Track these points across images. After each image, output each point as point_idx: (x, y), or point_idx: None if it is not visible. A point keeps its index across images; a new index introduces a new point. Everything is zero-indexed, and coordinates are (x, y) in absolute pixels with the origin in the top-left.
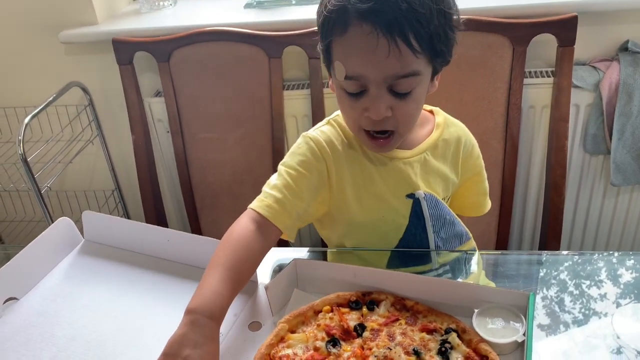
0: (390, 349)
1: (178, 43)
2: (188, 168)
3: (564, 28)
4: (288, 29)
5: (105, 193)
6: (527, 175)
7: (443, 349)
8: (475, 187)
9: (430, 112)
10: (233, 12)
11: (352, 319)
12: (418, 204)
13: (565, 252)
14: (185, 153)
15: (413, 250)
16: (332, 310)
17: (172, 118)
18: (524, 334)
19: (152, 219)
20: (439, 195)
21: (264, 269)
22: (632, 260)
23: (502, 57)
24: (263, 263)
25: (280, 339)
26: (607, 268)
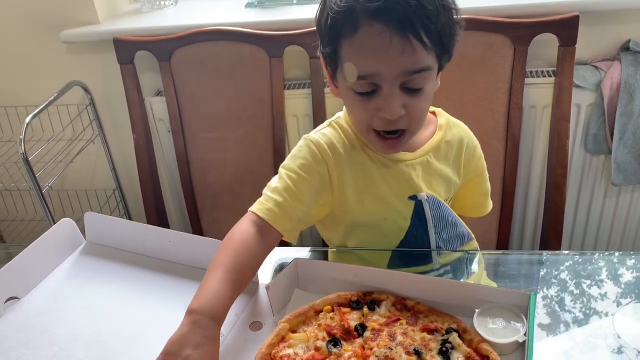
0: (391, 349)
1: (179, 42)
2: (189, 167)
3: (565, 28)
4: (289, 29)
5: (106, 192)
6: (528, 175)
7: (444, 349)
8: (477, 187)
9: (433, 113)
10: (234, 11)
11: (352, 319)
12: (420, 206)
13: (566, 251)
14: (186, 152)
15: (414, 250)
16: (333, 310)
17: (173, 117)
18: (525, 334)
19: (153, 219)
20: (441, 197)
21: (265, 269)
22: (632, 260)
23: (503, 56)
24: (264, 263)
25: (281, 339)
26: (607, 268)
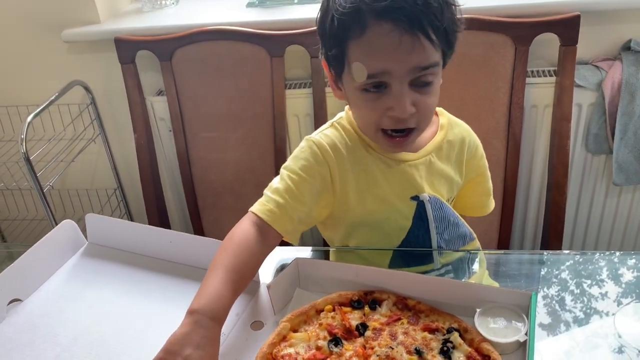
0: (392, 348)
1: (180, 42)
2: (190, 167)
3: (567, 27)
4: (290, 28)
5: (108, 192)
6: (529, 175)
7: (445, 349)
8: (479, 187)
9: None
10: (235, 11)
11: (354, 318)
12: (422, 207)
13: (567, 251)
14: (188, 152)
15: (415, 250)
16: (334, 310)
17: (174, 117)
18: (526, 334)
19: (154, 218)
20: (443, 197)
21: (267, 269)
22: (633, 260)
23: (504, 56)
24: (265, 262)
25: (283, 338)
26: (608, 267)
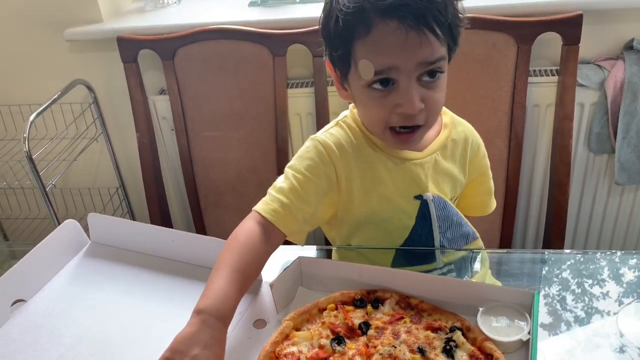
0: (395, 347)
1: (182, 41)
2: (192, 166)
3: (569, 26)
4: (292, 27)
5: (110, 191)
6: (531, 174)
7: (448, 347)
8: (481, 186)
9: None
10: (237, 10)
11: (356, 317)
12: (426, 206)
13: (568, 250)
14: (190, 151)
15: (418, 249)
16: (336, 308)
17: (176, 116)
18: (529, 333)
19: (156, 217)
20: (447, 196)
21: (270, 267)
22: (635, 260)
23: (506, 55)
24: (269, 261)
25: (285, 337)
26: (610, 267)
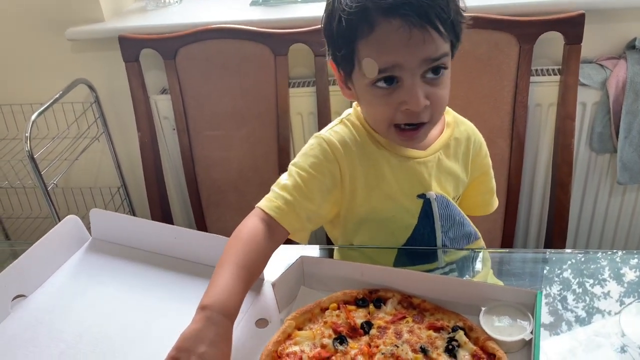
0: (398, 347)
1: (184, 40)
2: (194, 165)
3: (571, 26)
4: (294, 27)
5: (111, 190)
6: (533, 174)
7: (450, 347)
8: (483, 186)
9: None
10: (239, 9)
11: (359, 317)
12: (428, 204)
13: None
14: (191, 150)
15: (419, 249)
16: (339, 308)
17: (178, 115)
18: (531, 332)
19: (157, 216)
20: (450, 195)
21: (272, 267)
22: (636, 259)
23: (508, 55)
24: (271, 261)
25: (287, 336)
26: (611, 267)
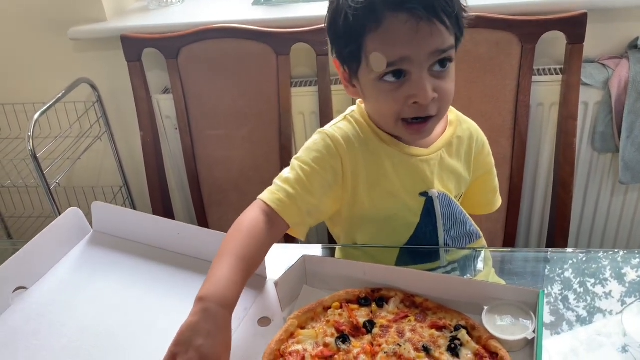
0: (400, 346)
1: (186, 40)
2: (196, 165)
3: (573, 25)
4: (296, 26)
5: (114, 189)
6: (535, 173)
7: (453, 346)
8: (486, 185)
9: None
10: (241, 9)
11: (361, 316)
12: (431, 203)
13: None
14: (193, 150)
15: (421, 248)
16: (341, 307)
17: (180, 115)
18: (534, 331)
19: (159, 215)
20: (452, 193)
21: (275, 266)
22: (637, 259)
23: (510, 54)
24: (274, 260)
25: (290, 335)
26: (613, 266)
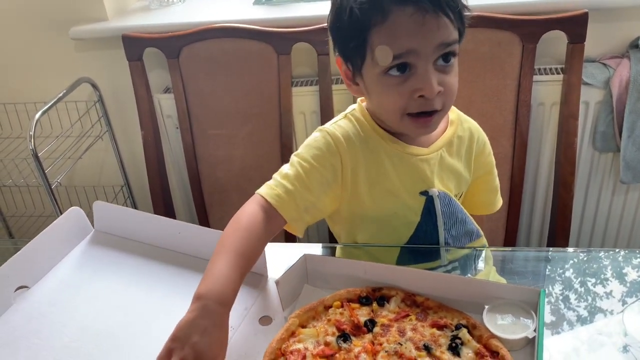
0: (401, 345)
1: (187, 39)
2: (197, 164)
3: (574, 25)
4: (297, 26)
5: (115, 189)
6: (536, 173)
7: (454, 345)
8: (487, 185)
9: None
10: (242, 8)
11: (362, 315)
12: (431, 202)
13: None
14: (194, 149)
15: (422, 247)
16: (342, 306)
17: (181, 114)
18: (535, 330)
19: (160, 214)
20: (451, 192)
21: (276, 265)
22: (639, 258)
23: (511, 54)
24: (275, 259)
25: (291, 334)
26: (613, 266)
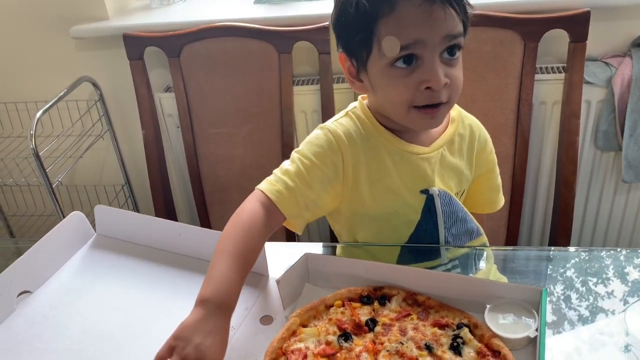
0: (402, 344)
1: (188, 38)
2: (198, 163)
3: (576, 23)
4: (298, 24)
5: (115, 188)
6: (537, 172)
7: (455, 344)
8: (489, 183)
9: None
10: (243, 7)
11: (363, 314)
12: (431, 200)
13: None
14: (195, 148)
15: (422, 246)
16: (343, 305)
17: (182, 113)
18: (537, 330)
19: (161, 214)
20: (452, 191)
21: (276, 264)
22: None
23: (513, 52)
24: (276, 258)
25: (292, 333)
26: (615, 265)
